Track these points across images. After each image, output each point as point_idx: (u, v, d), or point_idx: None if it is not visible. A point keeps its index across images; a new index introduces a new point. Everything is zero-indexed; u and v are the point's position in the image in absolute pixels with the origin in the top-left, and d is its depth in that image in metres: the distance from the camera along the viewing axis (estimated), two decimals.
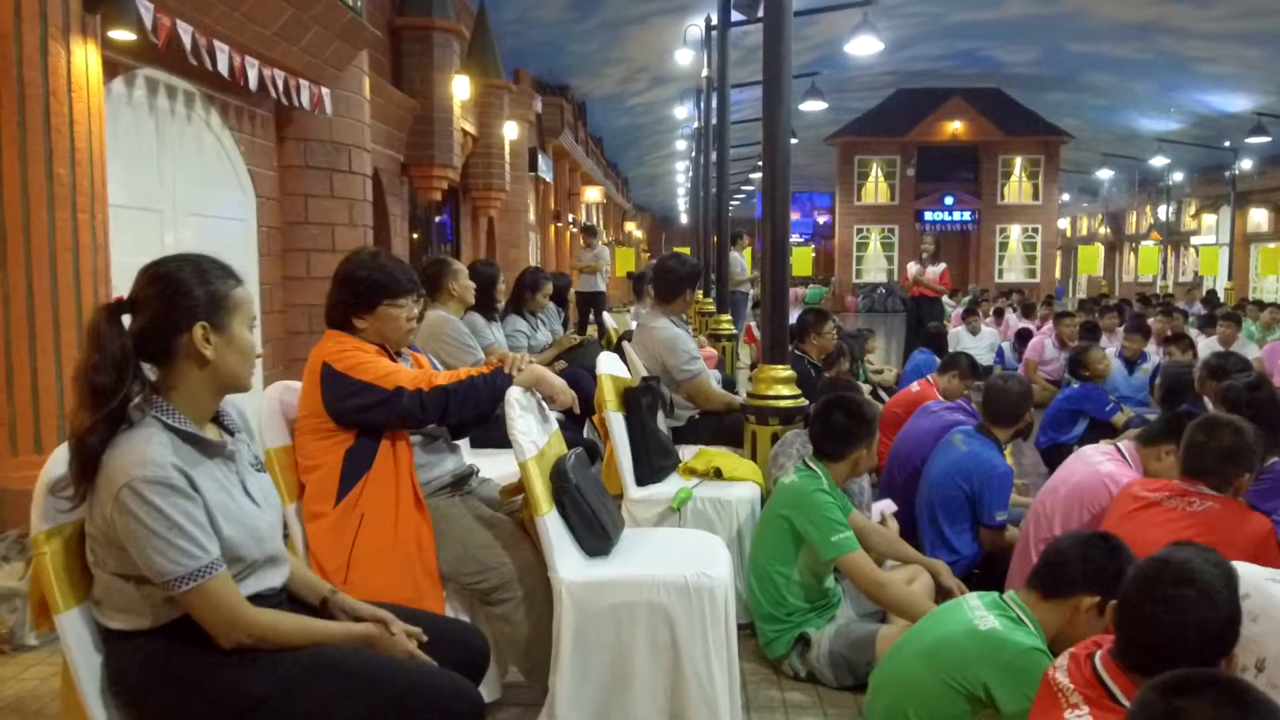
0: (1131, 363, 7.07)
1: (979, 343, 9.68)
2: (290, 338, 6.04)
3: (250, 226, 5.63)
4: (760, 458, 3.71)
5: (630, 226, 36.45)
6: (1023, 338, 9.09)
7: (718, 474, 3.40)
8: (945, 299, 11.79)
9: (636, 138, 25.95)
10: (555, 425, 2.69)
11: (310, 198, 6.07)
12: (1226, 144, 21.81)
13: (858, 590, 2.87)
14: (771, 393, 3.79)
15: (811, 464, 2.90)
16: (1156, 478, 2.98)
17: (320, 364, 2.34)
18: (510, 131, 11.03)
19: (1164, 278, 27.43)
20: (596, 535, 2.51)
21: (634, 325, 5.88)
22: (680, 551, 2.57)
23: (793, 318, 4.40)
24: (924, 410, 4.36)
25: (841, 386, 3.56)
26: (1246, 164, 22.58)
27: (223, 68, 4.54)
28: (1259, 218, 23.90)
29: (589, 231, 12.49)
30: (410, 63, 8.30)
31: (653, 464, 3.34)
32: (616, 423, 3.25)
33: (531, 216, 14.69)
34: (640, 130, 24.94)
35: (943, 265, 9.52)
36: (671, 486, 3.29)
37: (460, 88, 8.61)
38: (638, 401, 3.34)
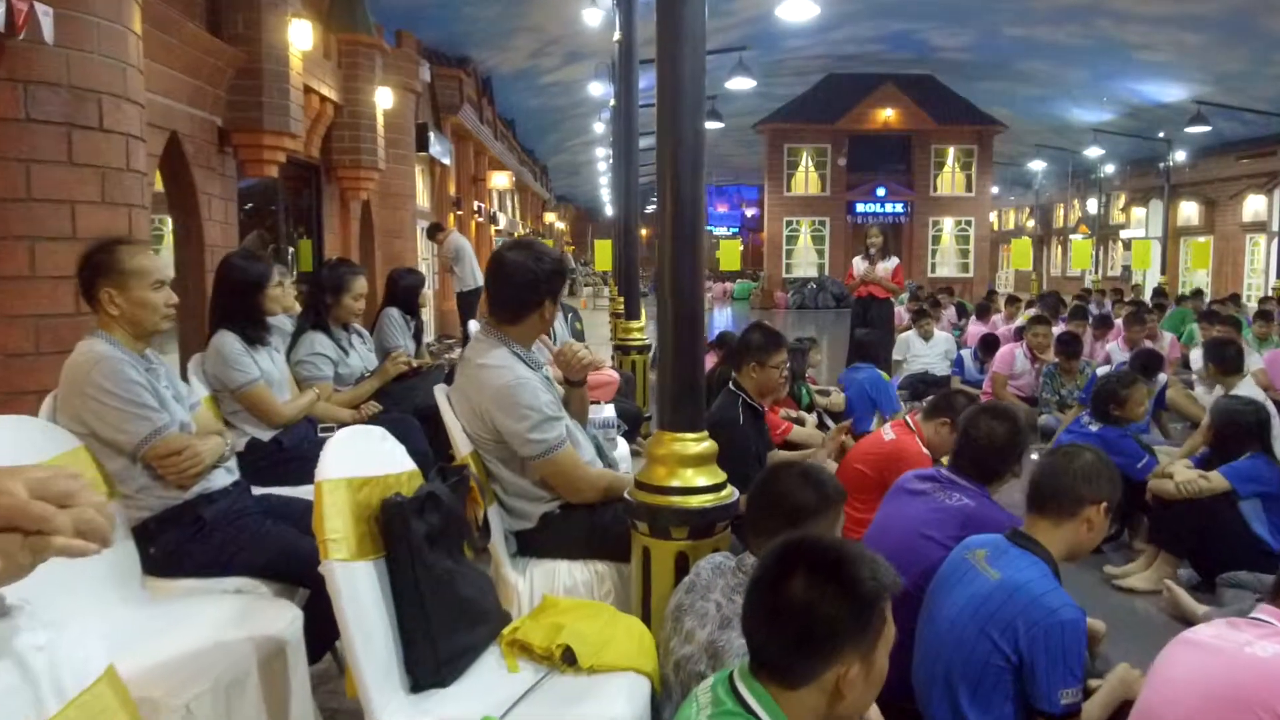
0: None
1: (932, 350, 8.26)
2: (8, 362, 4.22)
3: None
4: (655, 602, 2.13)
5: (551, 217, 34.65)
6: (988, 346, 7.70)
7: (569, 659, 1.80)
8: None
9: (554, 121, 24.09)
10: None
11: (36, 164, 4.21)
12: (1161, 135, 21.18)
13: None
14: (676, 482, 2.20)
15: (745, 691, 1.33)
16: None
17: None
18: (384, 100, 9.21)
19: (1095, 272, 26.88)
20: None
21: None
22: None
23: (721, 317, 2.82)
24: (910, 487, 2.79)
25: (791, 481, 1.96)
26: (1180, 155, 22.01)
27: None
28: (1189, 210, 23.42)
29: (434, 229, 11.10)
30: (231, 1, 6.46)
31: (438, 650, 1.71)
32: (350, 583, 1.60)
33: (424, 203, 12.84)
34: (557, 112, 23.09)
35: (895, 261, 8.06)
36: (472, 702, 1.67)
37: (300, 36, 6.80)
38: (403, 529, 1.70)
